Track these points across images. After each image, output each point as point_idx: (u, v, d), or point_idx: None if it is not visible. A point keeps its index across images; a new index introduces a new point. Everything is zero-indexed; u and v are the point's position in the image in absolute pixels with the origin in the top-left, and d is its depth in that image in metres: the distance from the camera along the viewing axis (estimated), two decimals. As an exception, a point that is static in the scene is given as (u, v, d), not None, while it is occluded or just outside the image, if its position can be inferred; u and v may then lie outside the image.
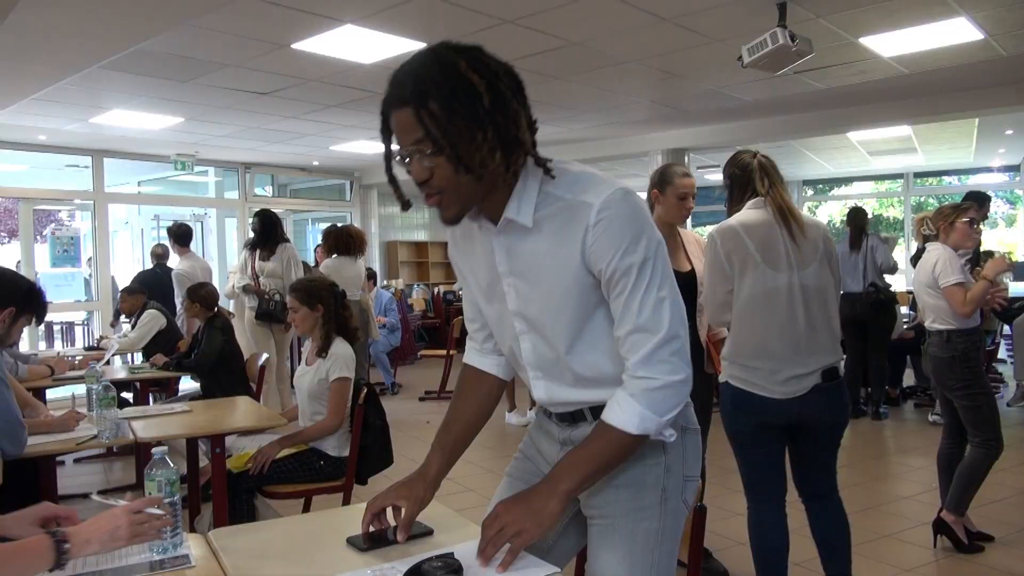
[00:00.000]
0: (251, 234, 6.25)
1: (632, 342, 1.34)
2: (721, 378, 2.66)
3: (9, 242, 14.83)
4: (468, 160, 1.25)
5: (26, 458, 2.54)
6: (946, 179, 12.58)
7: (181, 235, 6.84)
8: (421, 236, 13.41)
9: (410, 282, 12.49)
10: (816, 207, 13.87)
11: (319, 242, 9.52)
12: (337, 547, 1.55)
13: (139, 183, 11.33)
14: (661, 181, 2.96)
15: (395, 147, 1.32)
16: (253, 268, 6.02)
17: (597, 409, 1.44)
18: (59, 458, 5.24)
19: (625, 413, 1.35)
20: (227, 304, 6.13)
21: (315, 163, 10.15)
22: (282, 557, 1.53)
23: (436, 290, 12.46)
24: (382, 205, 11.97)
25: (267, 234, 6.08)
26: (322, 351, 3.23)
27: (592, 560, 1.50)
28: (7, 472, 2.39)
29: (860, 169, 12.26)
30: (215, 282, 6.74)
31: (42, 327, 8.46)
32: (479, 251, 1.48)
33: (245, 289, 6.03)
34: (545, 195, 1.35)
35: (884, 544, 3.47)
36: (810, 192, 13.72)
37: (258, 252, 6.06)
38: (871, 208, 13.38)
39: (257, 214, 6.21)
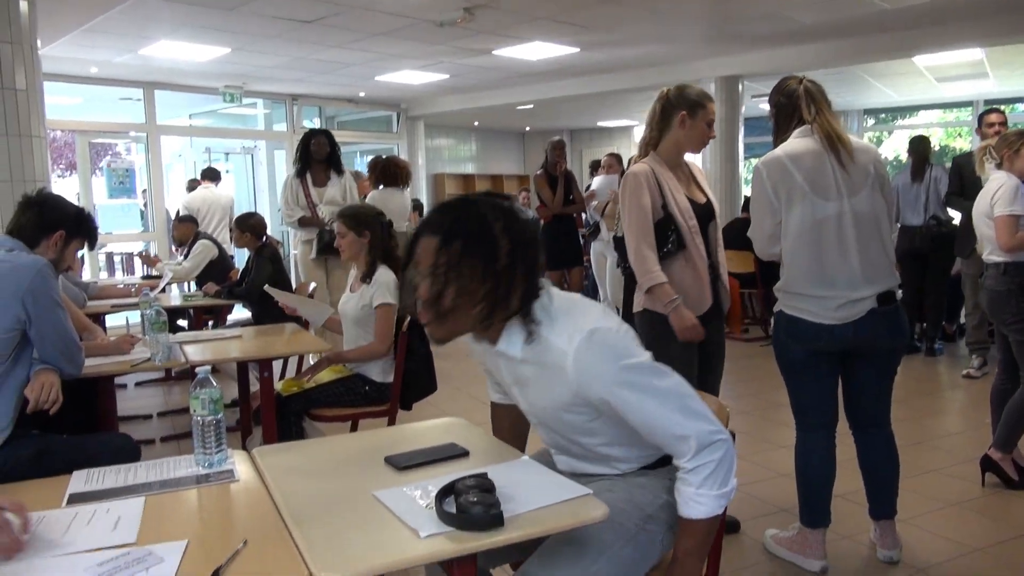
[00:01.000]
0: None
1: (671, 447, 1.45)
2: (775, 307, 2.61)
3: (69, 175, 15.22)
4: (450, 301, 1.42)
5: (87, 379, 2.64)
6: (1020, 107, 11.92)
7: (210, 173, 8.13)
8: (468, 169, 13.34)
9: (457, 215, 12.48)
10: (878, 138, 13.33)
11: (365, 174, 9.58)
12: (376, 466, 1.58)
13: (190, 116, 11.45)
14: (694, 104, 2.72)
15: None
16: (308, 197, 5.38)
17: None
18: (121, 381, 5.50)
19: (703, 505, 1.43)
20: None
21: (361, 94, 10.09)
22: (321, 474, 1.57)
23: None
24: (429, 137, 11.90)
25: (334, 156, 5.48)
26: (366, 277, 3.26)
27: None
28: (70, 393, 2.49)
29: (926, 97, 11.67)
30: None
31: (103, 257, 8.73)
32: (489, 357, 1.63)
33: (302, 222, 5.38)
34: (530, 333, 1.48)
35: (931, 479, 3.42)
36: (872, 122, 13.16)
37: (310, 178, 5.44)
38: (938, 139, 12.81)
39: (323, 132, 5.53)
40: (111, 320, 5.07)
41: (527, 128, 14.01)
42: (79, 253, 2.84)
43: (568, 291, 1.67)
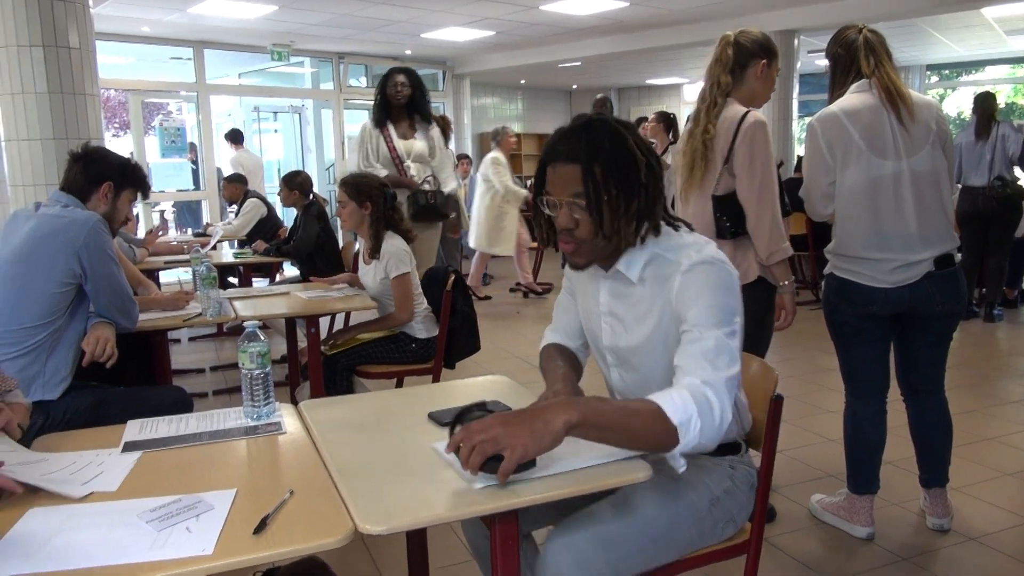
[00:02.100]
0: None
1: (704, 369, 1.35)
2: (826, 269, 2.54)
3: (123, 134, 15.54)
4: (610, 223, 1.43)
5: (142, 333, 2.71)
6: (1095, 62, 11.30)
7: (234, 135, 8.51)
8: (514, 128, 13.21)
9: (503, 174, 12.42)
10: (941, 95, 12.79)
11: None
12: (420, 421, 1.59)
13: (239, 75, 11.53)
14: (772, 52, 2.54)
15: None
16: (393, 151, 4.52)
17: None
18: (175, 336, 5.65)
19: (679, 406, 1.29)
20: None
21: (407, 52, 10.03)
22: (366, 428, 1.58)
23: (529, 182, 12.36)
24: (475, 96, 11.80)
25: (419, 101, 4.58)
26: (374, 251, 3.24)
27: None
28: (127, 346, 2.56)
29: (994, 51, 11.13)
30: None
31: (157, 215, 8.92)
32: (588, 286, 1.64)
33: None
34: (651, 255, 1.50)
35: (986, 447, 3.33)
36: (935, 78, 12.62)
37: (392, 130, 4.57)
38: (1006, 96, 12.23)
39: (404, 71, 4.56)
40: (164, 276, 5.19)
41: (574, 86, 13.80)
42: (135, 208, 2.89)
43: None
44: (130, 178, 2.74)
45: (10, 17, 3.97)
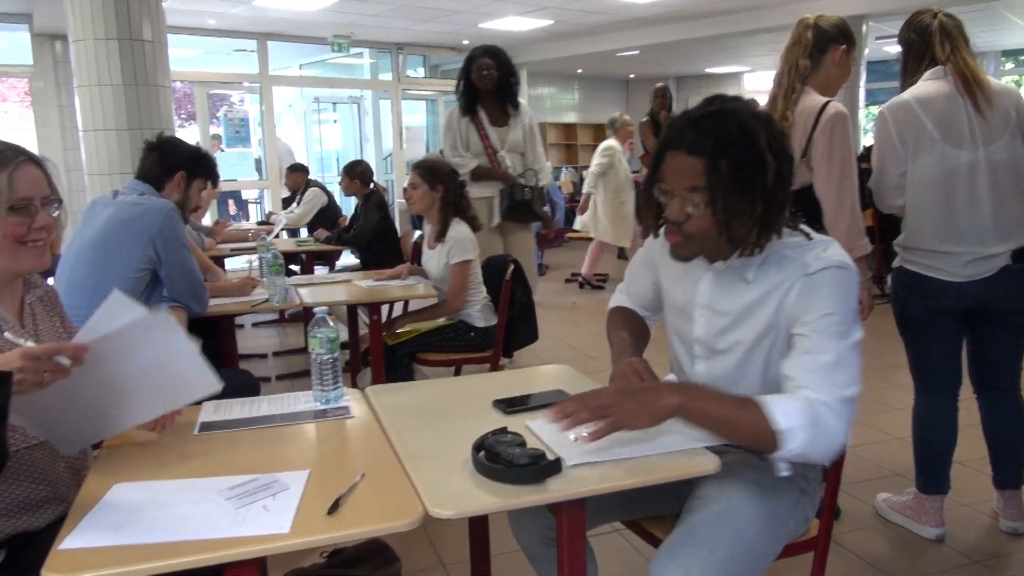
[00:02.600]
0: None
1: (822, 386, 1.31)
2: (895, 263, 2.47)
3: (189, 125, 15.99)
4: (726, 225, 1.36)
5: (210, 318, 2.79)
6: None
7: None
8: (570, 118, 13.15)
9: (558, 164, 12.39)
10: (1017, 81, 12.25)
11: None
12: (484, 409, 1.61)
13: (300, 66, 11.73)
14: (850, 37, 2.44)
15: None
16: (485, 140, 4.07)
17: None
18: (239, 322, 5.81)
19: (787, 414, 1.27)
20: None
21: (465, 42, 10.05)
22: (431, 414, 1.60)
23: (584, 173, 12.29)
24: (532, 86, 11.77)
25: (506, 85, 4.09)
26: (440, 235, 3.26)
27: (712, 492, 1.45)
28: (195, 331, 2.64)
29: (1076, 36, 10.61)
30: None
31: (215, 202, 9.15)
32: (684, 274, 1.58)
33: (476, 174, 4.06)
34: (769, 251, 1.44)
35: (1064, 449, 3.19)
36: (1010, 64, 12.10)
37: (484, 116, 4.09)
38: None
39: (489, 52, 4.06)
40: (230, 263, 5.34)
41: (631, 75, 13.64)
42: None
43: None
44: (201, 167, 2.83)
45: (87, 12, 4.12)
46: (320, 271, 5.62)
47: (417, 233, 5.18)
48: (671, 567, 1.32)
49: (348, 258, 6.09)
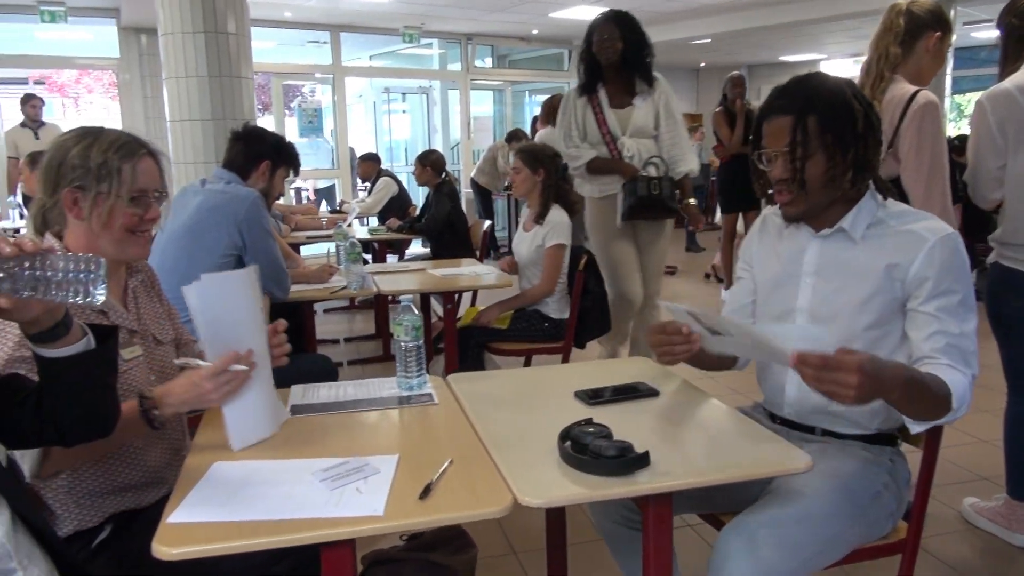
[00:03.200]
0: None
1: (950, 353, 1.42)
2: (990, 258, 2.37)
3: (263, 115, 16.42)
4: (826, 171, 1.47)
5: (289, 304, 2.87)
6: None
7: None
8: (638, 107, 13.01)
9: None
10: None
11: (536, 114, 9.58)
12: (566, 399, 1.61)
13: (370, 57, 11.90)
14: (945, 23, 2.36)
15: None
16: (603, 125, 3.36)
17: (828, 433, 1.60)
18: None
19: (961, 395, 1.37)
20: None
21: (534, 32, 10.03)
22: (513, 403, 1.62)
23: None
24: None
25: (637, 57, 3.35)
26: (539, 217, 3.28)
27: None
28: (275, 317, 2.72)
29: None
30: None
31: (292, 193, 9.38)
32: (789, 249, 1.64)
33: (592, 167, 3.43)
34: (876, 217, 1.53)
35: None
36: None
37: (604, 98, 3.41)
38: None
39: (614, 19, 3.39)
40: (305, 250, 5.46)
41: (702, 64, 13.40)
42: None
43: (745, 236, 1.66)
44: (285, 157, 2.90)
45: (176, 6, 4.26)
46: (389, 259, 5.71)
47: (487, 223, 5.21)
48: (736, 539, 1.35)
49: (415, 246, 6.18)
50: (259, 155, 2.80)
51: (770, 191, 1.59)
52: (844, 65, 12.54)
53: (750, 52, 12.22)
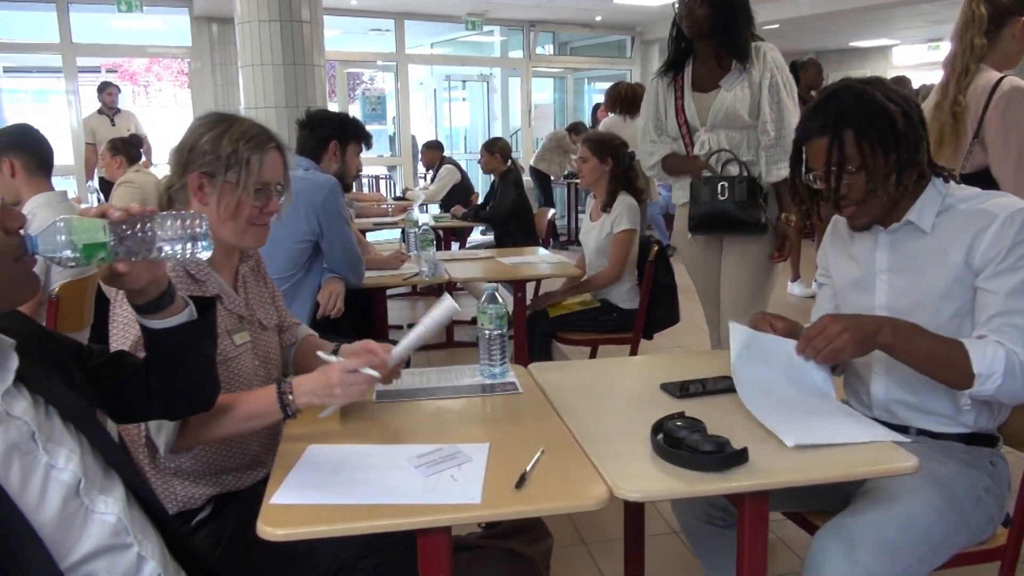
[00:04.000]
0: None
1: (1004, 331, 1.39)
2: None
3: (329, 103, 16.65)
4: (872, 180, 1.46)
5: (361, 290, 2.90)
6: None
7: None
8: (701, 95, 12.77)
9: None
10: None
11: (597, 102, 9.49)
12: (652, 391, 1.59)
13: (431, 45, 11.95)
14: None
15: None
16: (681, 116, 2.70)
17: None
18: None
19: (987, 360, 1.36)
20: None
21: (598, 18, 9.93)
22: (598, 394, 1.60)
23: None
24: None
25: (728, 26, 2.57)
26: (607, 206, 3.25)
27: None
28: (348, 301, 2.76)
29: None
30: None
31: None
32: (860, 250, 1.62)
33: (668, 166, 2.78)
34: (945, 204, 1.50)
35: None
36: None
37: (688, 78, 2.69)
38: None
39: None
40: (371, 237, 5.52)
41: (767, 51, 13.08)
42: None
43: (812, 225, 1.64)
44: (351, 133, 2.93)
45: (252, -6, 4.36)
46: (452, 247, 5.74)
47: (551, 211, 5.20)
48: (833, 542, 1.32)
49: (475, 234, 6.19)
50: (326, 137, 2.83)
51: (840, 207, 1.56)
52: (918, 51, 12.08)
53: (818, 38, 11.87)
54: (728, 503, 1.62)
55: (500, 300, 1.69)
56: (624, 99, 5.96)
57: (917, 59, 11.88)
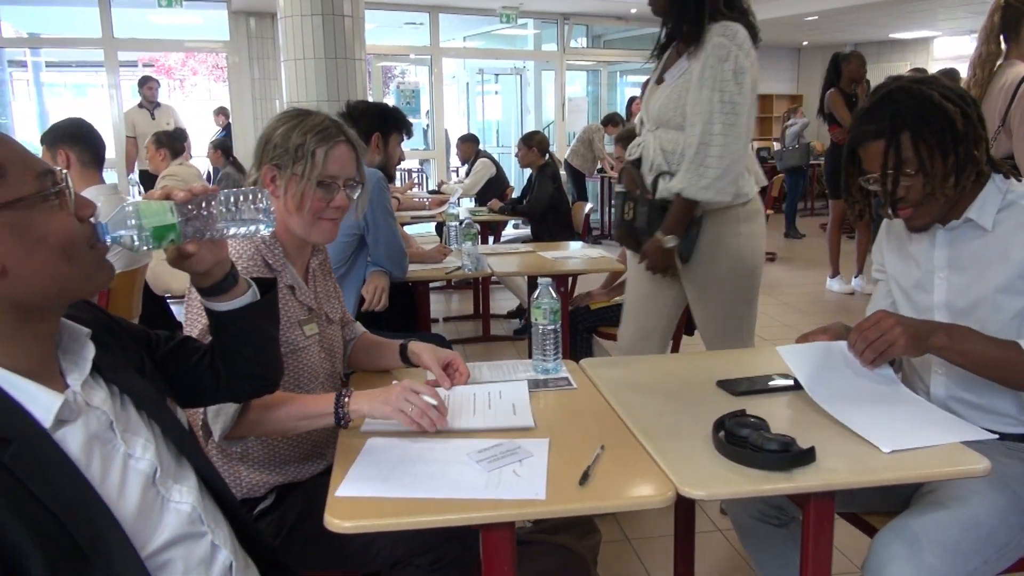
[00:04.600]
0: None
1: None
2: None
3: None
4: (930, 182, 1.43)
5: (404, 283, 2.91)
6: None
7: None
8: (735, 88, 12.62)
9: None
10: None
11: (632, 96, 9.43)
12: (708, 388, 1.57)
13: (464, 38, 11.94)
14: None
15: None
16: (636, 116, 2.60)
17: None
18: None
19: None
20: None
21: (633, 11, 9.85)
22: (653, 391, 1.59)
23: (753, 146, 11.78)
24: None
25: (687, 4, 2.12)
26: None
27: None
28: (391, 296, 2.77)
29: None
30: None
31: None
32: (917, 248, 1.59)
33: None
34: (1007, 200, 1.48)
35: None
36: None
37: (659, 68, 2.30)
38: None
39: None
40: (408, 230, 5.54)
41: (804, 43, 12.87)
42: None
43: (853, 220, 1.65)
44: (392, 122, 2.93)
45: (293, -12, 4.38)
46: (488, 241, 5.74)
47: (588, 205, 5.18)
48: (896, 542, 1.29)
49: (507, 228, 6.17)
50: (367, 130, 2.83)
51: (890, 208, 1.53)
52: (960, 42, 11.81)
53: (858, 30, 11.65)
54: (785, 501, 1.60)
55: (555, 295, 1.68)
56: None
57: (959, 51, 11.61)
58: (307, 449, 1.50)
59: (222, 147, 6.64)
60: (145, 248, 0.94)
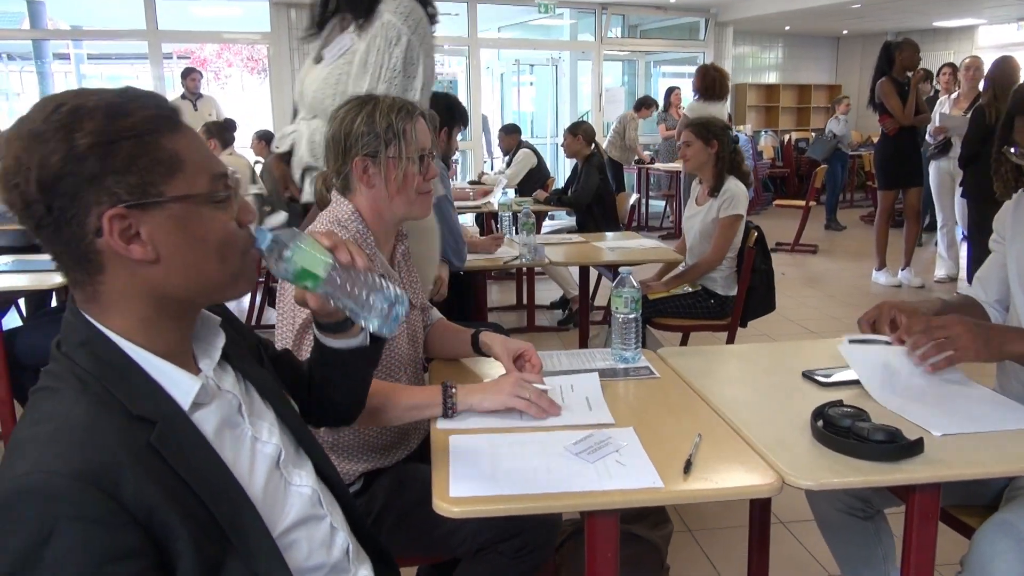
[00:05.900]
0: None
1: None
2: None
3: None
4: None
5: (462, 273, 2.92)
6: None
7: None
8: (772, 78, 12.45)
9: (758, 128, 11.79)
10: None
11: (670, 86, 9.37)
12: (794, 379, 1.55)
13: (499, 28, 11.90)
14: None
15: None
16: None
17: None
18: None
19: None
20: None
21: (671, 0, 9.77)
22: (738, 380, 1.58)
23: (786, 137, 11.63)
24: (736, 44, 11.22)
25: None
26: (714, 190, 3.20)
27: None
28: (449, 286, 2.77)
29: None
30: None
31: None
32: None
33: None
34: None
35: None
36: None
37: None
38: None
39: None
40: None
41: (844, 32, 12.65)
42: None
43: (902, 214, 1.61)
44: (456, 116, 2.95)
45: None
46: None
47: (634, 196, 5.15)
48: (1005, 539, 1.27)
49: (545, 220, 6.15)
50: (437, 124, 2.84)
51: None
52: (1006, 31, 11.53)
53: (900, 17, 11.42)
54: (871, 494, 1.58)
55: (635, 284, 1.67)
56: (709, 81, 5.80)
57: (1005, 39, 11.34)
58: (395, 436, 1.51)
59: (266, 138, 6.71)
60: (280, 274, 0.94)
